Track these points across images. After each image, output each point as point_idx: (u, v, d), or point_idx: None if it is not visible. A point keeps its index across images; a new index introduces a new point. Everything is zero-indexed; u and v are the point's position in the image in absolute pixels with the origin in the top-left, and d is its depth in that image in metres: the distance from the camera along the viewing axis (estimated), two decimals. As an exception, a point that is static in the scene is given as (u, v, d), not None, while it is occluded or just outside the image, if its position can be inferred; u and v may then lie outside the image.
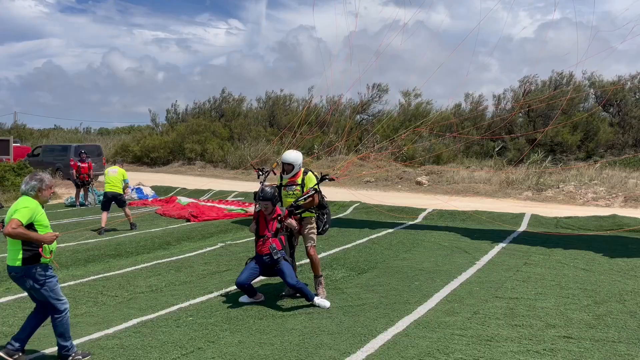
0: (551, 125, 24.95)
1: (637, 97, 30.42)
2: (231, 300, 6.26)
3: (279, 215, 6.11)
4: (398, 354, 4.56)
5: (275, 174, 6.94)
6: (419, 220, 13.07)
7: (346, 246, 9.78)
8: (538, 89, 31.42)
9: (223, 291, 6.70)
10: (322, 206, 6.39)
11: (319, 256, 8.79)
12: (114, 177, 12.01)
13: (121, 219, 12.98)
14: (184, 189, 20.52)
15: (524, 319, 5.44)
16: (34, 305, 6.15)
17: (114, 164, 12.78)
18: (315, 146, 32.38)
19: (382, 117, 36.17)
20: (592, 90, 31.04)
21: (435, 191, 20.70)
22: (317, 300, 5.98)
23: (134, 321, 5.55)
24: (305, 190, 6.27)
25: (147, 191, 19.68)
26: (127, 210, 12.25)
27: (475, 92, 35.60)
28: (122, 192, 12.04)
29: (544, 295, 6.31)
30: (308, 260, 6.51)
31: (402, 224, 12.48)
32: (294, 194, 6.33)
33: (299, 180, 6.34)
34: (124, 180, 12.10)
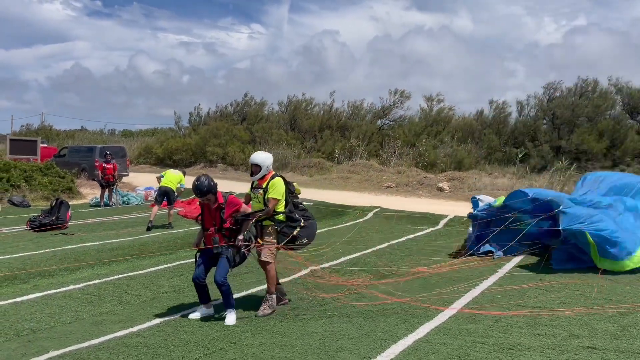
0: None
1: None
2: (252, 301, 6.31)
3: (221, 204, 5.70)
4: (419, 360, 4.55)
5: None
6: (439, 226, 12.99)
7: (366, 251, 9.78)
8: (563, 96, 30.97)
9: (244, 293, 6.76)
10: (292, 219, 6.02)
11: (339, 261, 8.85)
12: (172, 175, 12.92)
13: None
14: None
15: (547, 328, 5.37)
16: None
17: (176, 169, 13.73)
18: (336, 151, 32.40)
19: (403, 122, 36.02)
20: (619, 97, 30.46)
21: (456, 197, 20.55)
22: (228, 313, 5.63)
23: (158, 320, 5.64)
24: (267, 196, 5.88)
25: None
26: (172, 210, 12.95)
27: (500, 99, 35.26)
28: (174, 189, 12.74)
29: (568, 304, 6.22)
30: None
31: (422, 229, 12.41)
32: (257, 197, 6.00)
33: (264, 185, 5.96)
34: (180, 184, 12.92)
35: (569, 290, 6.89)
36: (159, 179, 12.93)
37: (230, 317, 5.60)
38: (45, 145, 33.54)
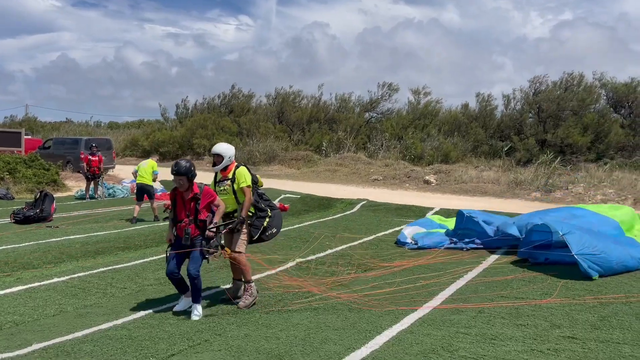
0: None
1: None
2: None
3: (197, 194, 5.60)
4: (403, 351, 4.59)
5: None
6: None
7: (352, 243, 9.82)
8: (548, 89, 31.22)
9: (230, 285, 6.75)
10: (259, 209, 5.96)
11: (325, 253, 8.88)
12: (144, 168, 12.55)
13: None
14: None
15: (529, 319, 5.45)
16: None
17: (149, 158, 13.40)
18: (324, 143, 32.39)
19: (391, 115, 36.08)
20: (603, 91, 30.80)
21: (443, 190, 20.68)
22: (194, 306, 5.55)
23: (142, 313, 5.63)
24: (236, 185, 5.83)
25: (156, 185, 19.79)
26: (154, 204, 12.72)
27: (487, 92, 35.47)
28: (151, 184, 12.57)
29: (550, 295, 6.31)
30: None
31: (409, 222, 12.48)
32: (224, 189, 5.93)
33: (230, 175, 5.92)
34: (154, 172, 12.65)
35: (551, 281, 6.99)
36: (135, 174, 12.81)
37: (197, 312, 5.52)
38: (30, 137, 33.11)
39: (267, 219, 5.98)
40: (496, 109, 33.59)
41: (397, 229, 11.38)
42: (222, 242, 5.96)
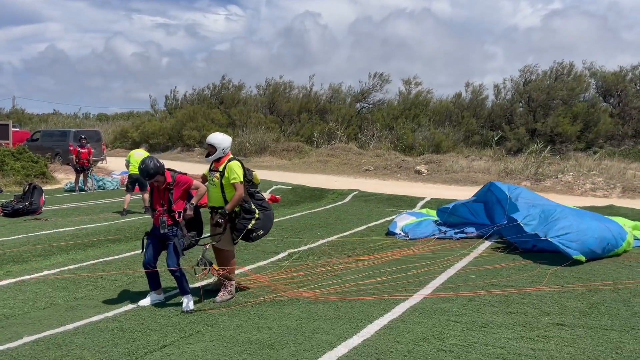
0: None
1: (638, 88, 30.31)
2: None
3: (169, 183, 5.54)
4: (394, 339, 4.63)
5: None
6: (416, 208, 13.12)
7: (344, 233, 9.85)
8: (538, 79, 31.32)
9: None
10: (245, 210, 5.79)
11: (317, 243, 8.89)
12: (138, 159, 12.24)
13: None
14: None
15: (519, 307, 5.51)
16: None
17: (140, 147, 13.07)
18: (315, 134, 32.33)
19: (382, 105, 36.03)
20: (593, 80, 30.94)
21: (434, 180, 20.76)
22: (184, 298, 5.48)
23: (134, 305, 5.62)
24: (224, 180, 5.70)
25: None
26: (145, 195, 12.49)
27: (477, 81, 35.48)
28: None
29: (539, 283, 6.38)
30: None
31: (400, 212, 12.52)
32: (213, 180, 5.82)
33: (221, 168, 5.79)
34: None
35: (540, 269, 7.06)
36: (127, 165, 12.65)
37: (187, 304, 5.48)
38: (17, 129, 32.74)
39: (253, 221, 5.80)
40: (487, 99, 33.66)
41: (388, 219, 11.42)
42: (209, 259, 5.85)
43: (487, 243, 8.81)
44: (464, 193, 15.75)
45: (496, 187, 9.52)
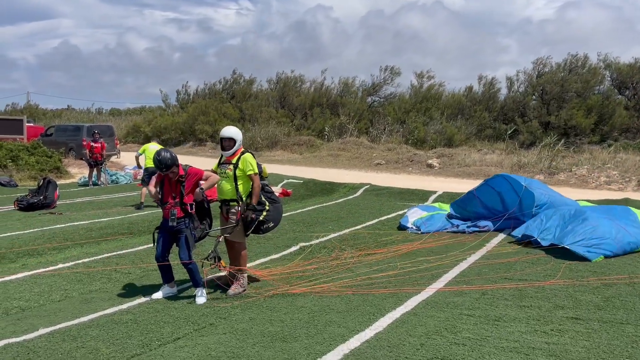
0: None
1: (654, 80, 29.86)
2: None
3: (182, 176, 5.56)
4: (406, 332, 4.62)
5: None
6: (428, 202, 13.05)
7: (356, 227, 9.83)
8: (552, 71, 30.95)
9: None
10: (258, 202, 5.78)
11: (329, 237, 8.89)
12: (154, 152, 12.32)
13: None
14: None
15: (533, 300, 5.47)
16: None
17: (151, 141, 13.15)
18: (326, 128, 32.28)
19: (393, 99, 35.86)
20: (607, 72, 30.51)
21: (446, 174, 20.65)
22: (198, 291, 5.57)
23: (147, 297, 5.66)
24: (238, 171, 5.70)
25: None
26: (151, 188, 12.57)
27: (489, 75, 35.14)
28: None
29: (553, 277, 6.32)
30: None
31: (412, 206, 12.47)
32: (225, 173, 5.79)
33: (234, 160, 5.78)
34: None
35: (554, 263, 6.99)
36: (137, 158, 12.72)
37: (200, 296, 5.53)
38: (32, 124, 33.09)
39: (264, 213, 5.84)
40: (499, 92, 33.36)
41: (400, 212, 11.38)
42: (219, 254, 5.89)
43: (501, 237, 8.74)
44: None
45: (510, 177, 9.47)
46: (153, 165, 12.32)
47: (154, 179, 5.83)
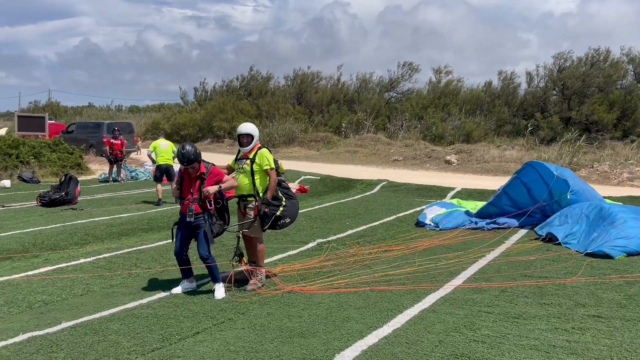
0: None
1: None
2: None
3: (203, 173, 5.58)
4: (425, 329, 4.60)
5: None
6: (447, 199, 12.97)
7: (373, 224, 9.81)
8: (573, 66, 30.44)
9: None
10: (273, 197, 5.83)
11: (346, 233, 8.89)
12: (165, 150, 12.58)
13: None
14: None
15: (553, 298, 5.40)
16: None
17: (160, 137, 13.23)
18: (344, 124, 32.23)
19: (411, 95, 35.62)
20: (630, 66, 29.89)
21: (464, 170, 20.48)
22: (217, 286, 5.60)
23: (167, 292, 5.72)
24: (255, 166, 5.75)
25: (176, 168, 20.04)
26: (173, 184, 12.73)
27: (510, 70, 34.68)
28: (172, 164, 12.57)
29: (574, 274, 6.23)
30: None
31: (430, 203, 12.40)
32: (242, 168, 5.85)
33: (251, 155, 5.84)
34: (173, 152, 12.63)
35: (575, 260, 6.90)
36: (150, 156, 12.85)
37: (219, 291, 5.57)
38: (53, 121, 33.63)
39: (281, 208, 5.88)
40: (519, 87, 32.91)
41: (417, 209, 11.33)
42: (242, 251, 5.98)
43: (520, 233, 8.65)
44: (496, 183, 15.47)
45: (540, 165, 9.26)
46: (164, 163, 12.49)
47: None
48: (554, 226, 8.18)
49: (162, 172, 12.54)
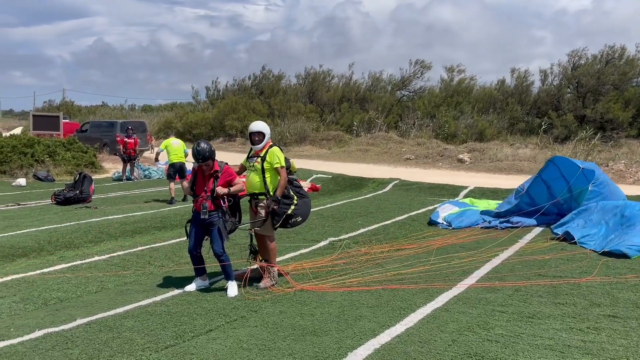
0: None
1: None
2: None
3: (216, 171, 5.62)
4: (438, 328, 4.58)
5: None
6: (459, 197, 12.90)
7: (385, 222, 9.79)
8: (588, 63, 30.09)
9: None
10: (285, 196, 5.83)
11: (358, 232, 8.88)
12: (178, 148, 12.68)
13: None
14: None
15: (568, 297, 5.35)
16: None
17: (171, 136, 13.31)
18: (355, 123, 32.17)
19: (423, 93, 35.47)
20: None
21: (477, 169, 20.35)
22: (230, 284, 5.63)
23: (180, 290, 5.75)
24: (266, 164, 5.75)
25: (189, 166, 20.13)
26: (184, 183, 12.76)
27: (522, 67, 34.37)
28: (184, 162, 12.65)
29: (589, 274, 6.17)
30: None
31: (442, 201, 12.34)
32: (253, 166, 5.85)
33: (262, 153, 5.83)
34: (184, 150, 12.72)
35: (590, 259, 6.82)
36: (158, 154, 12.94)
37: (232, 289, 5.61)
38: (68, 120, 33.97)
39: (292, 207, 5.88)
40: (533, 85, 32.61)
41: (430, 208, 11.28)
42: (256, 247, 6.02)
43: (534, 232, 8.58)
44: (509, 182, 15.37)
45: (562, 161, 9.14)
46: (177, 161, 12.57)
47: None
48: (571, 226, 8.09)
49: (175, 170, 12.61)
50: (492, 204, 10.43)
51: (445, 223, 9.34)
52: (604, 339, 4.31)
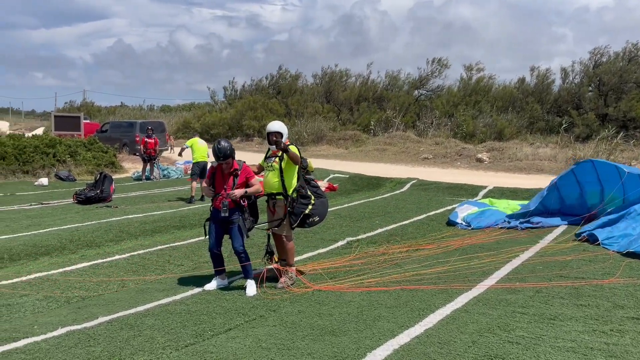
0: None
1: None
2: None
3: (236, 170, 5.67)
4: (457, 329, 4.54)
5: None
6: (478, 197, 12.78)
7: (403, 222, 9.74)
8: (610, 61, 29.58)
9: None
10: (302, 196, 5.86)
11: (376, 232, 8.85)
12: (203, 147, 12.85)
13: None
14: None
15: (590, 299, 5.26)
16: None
17: (195, 136, 13.55)
18: (372, 122, 32.09)
19: (441, 92, 35.23)
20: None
21: (496, 168, 20.14)
22: (249, 283, 5.67)
23: (199, 289, 5.80)
24: (284, 163, 5.76)
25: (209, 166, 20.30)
26: (204, 183, 12.92)
27: (543, 66, 33.95)
28: (208, 161, 12.73)
29: (612, 275, 6.06)
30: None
31: (461, 201, 12.24)
32: (272, 166, 5.87)
33: (280, 152, 5.82)
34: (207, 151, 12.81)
35: (613, 261, 6.71)
36: (183, 150, 13.11)
37: (251, 288, 5.63)
38: (88, 121, 34.47)
39: (310, 206, 5.88)
40: (553, 84, 32.19)
41: (448, 208, 11.20)
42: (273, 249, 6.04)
43: (555, 233, 8.46)
44: (529, 182, 15.19)
45: (603, 165, 8.88)
46: (202, 160, 12.69)
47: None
48: (597, 230, 7.92)
49: (200, 169, 12.73)
50: (512, 204, 10.31)
51: (464, 223, 9.26)
52: (628, 341, 4.23)
